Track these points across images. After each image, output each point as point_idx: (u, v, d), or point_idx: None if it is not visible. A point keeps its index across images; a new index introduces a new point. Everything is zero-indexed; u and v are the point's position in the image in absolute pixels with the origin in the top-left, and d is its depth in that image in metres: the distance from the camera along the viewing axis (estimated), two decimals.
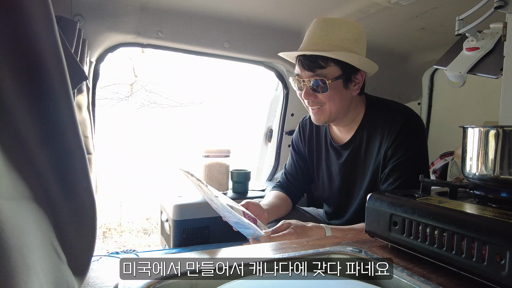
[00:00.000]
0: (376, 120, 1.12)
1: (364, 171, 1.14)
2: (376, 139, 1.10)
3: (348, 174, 1.19)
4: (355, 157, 1.16)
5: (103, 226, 3.85)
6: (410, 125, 1.05)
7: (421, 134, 1.09)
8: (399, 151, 1.04)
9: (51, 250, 0.37)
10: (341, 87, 1.07)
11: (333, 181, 1.25)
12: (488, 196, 0.61)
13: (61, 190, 0.40)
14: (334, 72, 1.05)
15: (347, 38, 1.05)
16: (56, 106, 0.39)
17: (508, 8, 0.80)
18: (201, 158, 1.63)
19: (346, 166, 1.19)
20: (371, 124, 1.13)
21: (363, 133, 1.14)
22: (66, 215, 0.41)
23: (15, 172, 0.33)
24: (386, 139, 1.06)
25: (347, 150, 1.18)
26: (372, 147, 1.11)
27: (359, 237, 0.74)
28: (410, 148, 1.04)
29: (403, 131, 1.04)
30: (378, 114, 1.12)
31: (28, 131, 0.36)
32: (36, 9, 0.36)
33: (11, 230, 0.29)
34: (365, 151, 1.14)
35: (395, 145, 1.04)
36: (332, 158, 1.24)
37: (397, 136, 1.04)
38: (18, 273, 0.28)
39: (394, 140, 1.05)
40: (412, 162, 1.03)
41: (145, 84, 5.11)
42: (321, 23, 1.07)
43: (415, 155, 1.05)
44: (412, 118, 1.08)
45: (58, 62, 0.39)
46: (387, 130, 1.07)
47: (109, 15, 1.39)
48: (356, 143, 1.15)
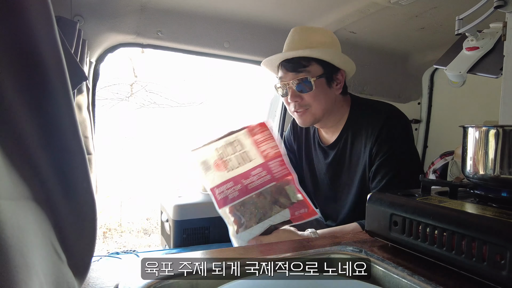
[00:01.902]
0: (360, 120, 1.13)
1: (351, 172, 1.15)
2: (360, 139, 1.11)
3: (336, 174, 1.21)
4: (341, 157, 1.18)
5: (103, 227, 3.85)
6: (392, 122, 1.06)
7: (404, 129, 1.09)
8: (382, 148, 1.05)
9: (51, 250, 0.37)
10: (325, 86, 1.10)
11: (322, 180, 1.27)
12: (488, 195, 0.61)
13: (61, 190, 0.40)
14: (316, 70, 1.09)
15: (324, 41, 1.12)
16: (56, 106, 0.39)
17: (508, 8, 0.80)
18: None
19: (333, 166, 1.20)
20: (355, 125, 1.14)
21: (348, 133, 1.15)
22: (66, 215, 0.41)
23: (15, 172, 0.33)
24: (369, 138, 1.08)
25: (333, 151, 1.20)
26: (358, 147, 1.12)
27: (359, 237, 0.74)
28: (394, 144, 1.04)
29: (384, 129, 1.05)
30: (362, 114, 1.14)
31: (28, 131, 0.36)
32: (36, 9, 0.36)
33: (11, 230, 0.29)
34: (350, 152, 1.15)
35: (378, 142, 1.05)
36: (320, 158, 1.26)
37: (379, 134, 1.05)
38: (18, 273, 0.28)
39: (376, 138, 1.06)
40: (398, 158, 1.04)
41: (145, 84, 5.11)
42: (298, 30, 1.15)
43: (400, 150, 1.05)
44: (394, 115, 1.09)
45: (58, 62, 0.39)
46: (370, 129, 1.08)
47: (109, 15, 1.39)
48: (341, 143, 1.17)
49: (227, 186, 0.89)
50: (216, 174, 0.90)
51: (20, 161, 0.34)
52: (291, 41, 1.15)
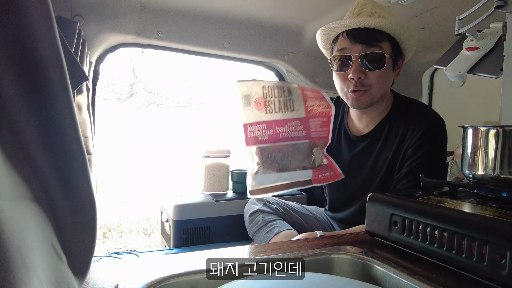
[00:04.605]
0: (403, 117, 1.06)
1: (377, 167, 1.09)
2: (396, 136, 1.05)
3: (358, 167, 1.13)
4: (370, 150, 1.10)
5: (103, 227, 3.85)
6: (437, 129, 1.02)
7: (444, 140, 1.05)
8: (420, 151, 0.99)
9: (51, 251, 0.37)
10: (391, 68, 1.02)
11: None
12: (488, 195, 0.61)
13: (61, 191, 0.40)
14: (387, 49, 0.99)
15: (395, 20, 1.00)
16: (56, 107, 0.39)
17: (508, 8, 0.80)
18: (201, 158, 1.63)
19: (358, 159, 1.13)
20: (396, 120, 1.07)
21: (385, 127, 1.08)
22: (66, 216, 0.40)
23: (15, 173, 0.33)
24: (410, 136, 1.02)
25: (363, 142, 1.12)
26: (391, 143, 1.06)
27: (359, 237, 0.74)
28: (432, 150, 1.00)
29: (428, 132, 1.00)
30: (406, 111, 1.07)
31: (28, 131, 0.36)
32: (36, 9, 0.36)
33: (11, 231, 0.29)
34: (381, 146, 1.08)
35: (419, 143, 1.00)
36: (344, 149, 1.17)
37: (422, 136, 1.00)
38: (18, 273, 0.28)
39: (418, 138, 1.00)
40: (433, 164, 1.00)
41: (145, 84, 5.11)
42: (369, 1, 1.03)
43: (435, 159, 1.01)
44: (440, 123, 1.04)
45: (58, 62, 0.39)
46: (411, 127, 1.02)
47: (109, 15, 1.39)
48: (375, 136, 1.10)
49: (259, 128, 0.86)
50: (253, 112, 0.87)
51: (20, 161, 0.34)
52: (361, 9, 1.01)
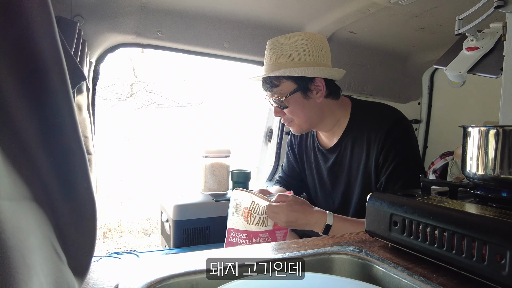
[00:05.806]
0: (362, 124, 1.11)
1: (352, 176, 1.14)
2: (362, 145, 1.10)
3: (336, 179, 1.20)
4: (341, 161, 1.17)
5: (103, 227, 3.85)
6: (397, 129, 1.05)
7: (409, 136, 1.08)
8: (389, 156, 1.04)
9: (52, 251, 0.37)
10: (300, 99, 1.09)
11: (323, 184, 1.27)
12: (488, 195, 0.61)
13: (61, 191, 0.40)
14: (289, 87, 1.08)
15: (295, 52, 1.05)
16: (56, 107, 0.39)
17: (508, 8, 0.80)
18: (201, 158, 1.63)
19: (333, 170, 1.20)
20: (356, 129, 1.13)
21: (349, 137, 1.14)
22: (66, 216, 0.40)
23: (15, 173, 0.33)
24: (374, 144, 1.06)
25: (333, 154, 1.19)
26: (359, 152, 1.11)
27: (359, 237, 0.74)
28: (401, 151, 1.03)
29: (391, 134, 1.04)
30: (364, 118, 1.12)
31: (28, 131, 0.36)
32: (35, 9, 0.36)
33: (11, 231, 0.29)
34: (350, 156, 1.14)
35: (385, 150, 1.04)
36: (320, 162, 1.25)
37: (385, 142, 1.04)
38: (18, 273, 0.28)
39: (383, 146, 1.04)
40: (406, 166, 1.03)
41: (145, 84, 5.11)
42: (269, 46, 1.10)
43: (407, 158, 1.04)
44: (398, 122, 1.07)
45: (57, 62, 0.39)
46: (373, 135, 1.07)
47: (109, 15, 1.39)
48: (341, 147, 1.16)
49: (241, 236, 1.01)
50: (240, 220, 1.02)
51: (20, 161, 0.34)
52: (265, 59, 1.12)
